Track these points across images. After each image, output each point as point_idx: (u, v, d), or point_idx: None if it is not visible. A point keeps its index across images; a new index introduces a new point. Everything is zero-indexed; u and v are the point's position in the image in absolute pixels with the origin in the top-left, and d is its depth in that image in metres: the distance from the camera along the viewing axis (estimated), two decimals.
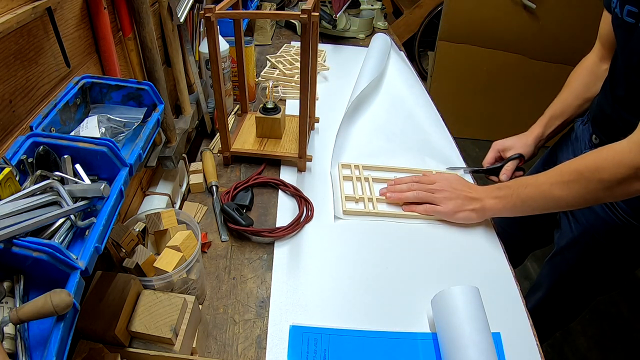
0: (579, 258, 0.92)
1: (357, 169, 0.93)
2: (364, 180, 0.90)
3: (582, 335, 1.65)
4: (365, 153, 0.99)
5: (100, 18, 0.60)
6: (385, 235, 0.79)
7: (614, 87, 0.80)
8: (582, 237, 0.89)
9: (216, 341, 0.61)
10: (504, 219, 0.88)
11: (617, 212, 0.81)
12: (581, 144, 0.91)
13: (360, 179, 0.90)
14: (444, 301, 0.61)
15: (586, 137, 0.90)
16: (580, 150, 0.91)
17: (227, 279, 0.70)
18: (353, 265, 0.73)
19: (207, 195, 0.87)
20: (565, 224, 0.93)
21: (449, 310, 0.59)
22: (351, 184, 0.89)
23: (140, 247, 0.58)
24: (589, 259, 0.91)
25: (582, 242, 0.90)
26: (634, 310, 1.76)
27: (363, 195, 0.86)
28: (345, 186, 0.88)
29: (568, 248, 0.93)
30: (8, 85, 0.46)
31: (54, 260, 0.37)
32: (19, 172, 0.44)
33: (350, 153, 0.99)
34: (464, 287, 0.61)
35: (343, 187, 0.87)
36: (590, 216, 0.86)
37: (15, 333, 0.38)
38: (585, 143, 0.90)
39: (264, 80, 1.25)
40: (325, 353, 0.60)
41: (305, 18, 0.70)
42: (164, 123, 0.76)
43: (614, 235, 0.83)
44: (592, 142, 0.87)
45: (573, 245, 0.91)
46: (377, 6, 1.68)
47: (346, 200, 0.84)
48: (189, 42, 0.89)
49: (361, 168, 0.93)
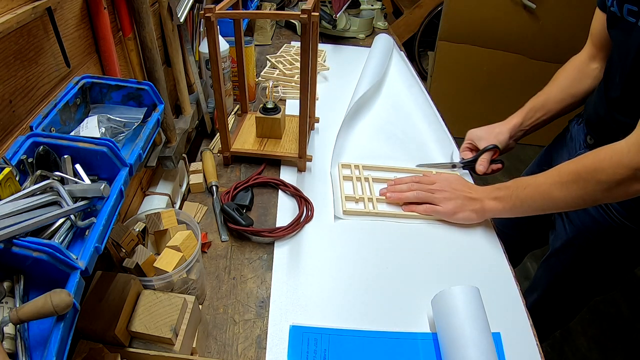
0: (573, 259, 0.92)
1: (357, 169, 0.93)
2: (364, 180, 0.90)
3: (582, 335, 1.65)
4: (366, 153, 0.99)
5: (100, 18, 0.60)
6: (385, 235, 0.79)
7: (608, 89, 0.80)
8: (576, 239, 0.89)
9: (216, 341, 0.61)
10: (500, 220, 0.88)
11: (611, 213, 0.81)
12: (576, 144, 0.91)
13: (360, 179, 0.90)
14: (444, 301, 0.61)
15: (581, 137, 0.90)
16: (575, 151, 0.91)
17: (227, 279, 0.70)
18: (353, 265, 0.73)
19: (207, 195, 0.87)
20: (560, 226, 0.93)
21: (449, 311, 0.59)
22: (351, 183, 0.89)
23: (140, 247, 0.58)
24: (584, 260, 0.91)
25: (576, 244, 0.90)
26: (634, 310, 1.76)
27: (363, 195, 0.86)
28: (345, 186, 0.88)
29: (563, 250, 0.93)
30: (8, 85, 0.46)
31: (54, 260, 0.37)
32: (19, 172, 0.44)
33: (351, 153, 0.99)
34: (464, 287, 0.61)
35: (343, 187, 0.87)
36: (584, 218, 0.86)
37: (15, 333, 0.38)
38: (580, 143, 0.90)
39: (264, 80, 1.25)
40: (325, 353, 0.60)
41: (305, 18, 0.70)
42: (164, 123, 0.76)
43: (608, 236, 0.83)
44: (587, 143, 0.88)
45: (567, 247, 0.91)
46: (377, 6, 1.68)
47: (346, 200, 0.84)
48: (189, 42, 0.89)
49: (361, 168, 0.93)
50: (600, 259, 0.89)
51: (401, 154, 1.00)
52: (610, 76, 0.80)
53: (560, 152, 0.97)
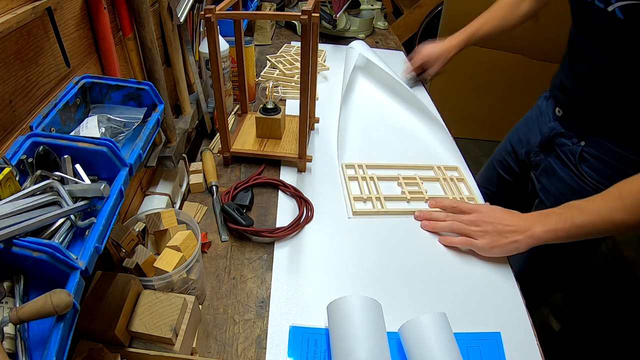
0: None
1: (361, 169, 0.93)
2: (369, 179, 0.91)
3: (582, 335, 1.65)
4: (366, 152, 1.00)
5: (100, 18, 0.60)
6: (385, 235, 0.79)
7: (572, 63, 0.84)
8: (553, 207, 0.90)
9: (216, 341, 0.61)
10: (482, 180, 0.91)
11: (584, 178, 0.85)
12: (546, 118, 0.96)
13: (365, 179, 0.91)
14: (411, 331, 0.58)
15: (550, 111, 0.95)
16: (545, 124, 0.95)
17: (227, 279, 0.70)
18: (353, 266, 0.73)
19: (207, 195, 0.87)
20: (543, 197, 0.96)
21: (418, 340, 0.57)
22: (357, 183, 0.90)
23: (140, 247, 0.58)
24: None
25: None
26: (634, 310, 1.76)
27: (370, 195, 0.86)
28: (352, 187, 0.88)
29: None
30: (8, 85, 0.46)
31: (54, 260, 0.37)
32: (19, 172, 0.44)
33: (351, 153, 0.99)
34: (430, 316, 0.58)
35: (350, 188, 0.87)
36: (559, 185, 0.90)
37: (15, 333, 0.38)
38: (550, 117, 0.94)
39: (264, 80, 1.25)
40: (325, 354, 0.60)
41: (306, 19, 0.70)
42: (164, 123, 0.76)
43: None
44: (555, 115, 0.92)
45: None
46: (377, 6, 1.68)
47: (355, 201, 0.85)
48: (189, 42, 0.89)
49: (365, 167, 0.93)
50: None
51: (402, 151, 1.00)
52: (573, 50, 0.84)
53: (532, 128, 1.01)
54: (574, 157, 0.87)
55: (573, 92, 0.84)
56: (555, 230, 0.69)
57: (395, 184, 0.91)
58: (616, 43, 0.73)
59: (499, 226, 0.74)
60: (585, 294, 1.81)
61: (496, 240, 0.73)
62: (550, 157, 0.94)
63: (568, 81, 0.86)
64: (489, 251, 0.75)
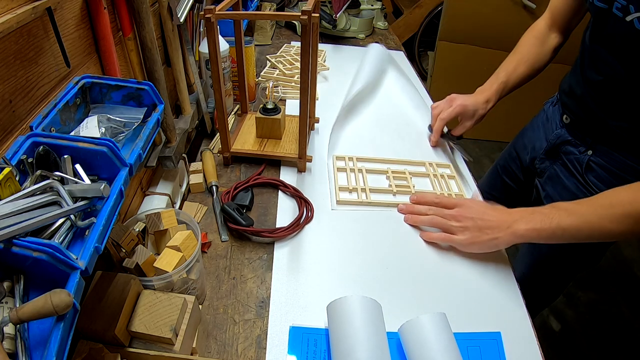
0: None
1: (352, 161, 0.94)
2: (357, 171, 0.91)
3: (582, 335, 1.65)
4: (361, 147, 1.00)
5: (100, 18, 0.60)
6: (385, 235, 0.79)
7: (584, 70, 0.81)
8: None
9: (216, 341, 0.61)
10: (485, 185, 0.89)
11: (589, 187, 0.83)
12: (552, 125, 0.94)
13: (354, 170, 0.91)
14: (411, 331, 0.58)
15: (557, 117, 0.93)
16: (552, 132, 0.93)
17: (227, 279, 0.70)
18: (353, 266, 0.73)
19: (207, 195, 0.87)
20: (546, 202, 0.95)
21: (418, 340, 0.57)
22: (345, 174, 0.90)
23: (140, 247, 0.58)
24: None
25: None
26: (634, 310, 1.76)
27: (357, 186, 0.87)
28: (339, 177, 0.89)
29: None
30: (8, 85, 0.46)
31: (54, 260, 0.37)
32: (19, 172, 0.44)
33: (345, 146, 1.00)
34: (431, 316, 0.58)
35: (337, 178, 0.88)
36: (562, 193, 0.88)
37: (15, 333, 0.38)
38: (557, 123, 0.92)
39: (264, 80, 1.25)
40: (325, 354, 0.60)
41: (306, 19, 0.70)
42: (164, 123, 0.76)
43: None
44: (563, 122, 0.90)
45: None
46: (377, 6, 1.68)
47: (340, 191, 0.85)
48: (189, 42, 0.89)
49: (355, 160, 0.94)
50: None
51: (396, 146, 1.01)
52: (586, 56, 0.81)
53: (537, 134, 0.99)
54: (581, 166, 0.85)
55: (583, 100, 0.82)
56: (539, 229, 0.67)
57: (383, 177, 0.92)
58: (632, 53, 0.70)
59: (479, 222, 0.72)
60: (585, 294, 1.81)
61: (476, 237, 0.72)
62: (555, 165, 0.92)
63: (578, 87, 0.83)
64: (468, 247, 0.74)
